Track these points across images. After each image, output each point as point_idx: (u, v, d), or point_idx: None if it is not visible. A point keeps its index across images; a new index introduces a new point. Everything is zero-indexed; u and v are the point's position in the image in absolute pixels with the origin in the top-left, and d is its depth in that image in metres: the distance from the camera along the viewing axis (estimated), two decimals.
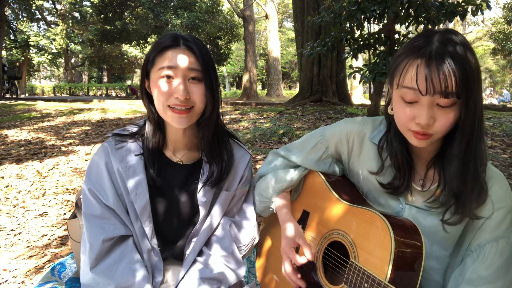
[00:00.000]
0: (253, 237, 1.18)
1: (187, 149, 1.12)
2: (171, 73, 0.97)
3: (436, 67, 0.77)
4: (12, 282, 1.86)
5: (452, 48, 0.78)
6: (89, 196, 1.01)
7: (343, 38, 4.13)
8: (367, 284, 0.84)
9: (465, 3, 3.54)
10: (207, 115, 1.04)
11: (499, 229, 0.85)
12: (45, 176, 3.66)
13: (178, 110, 0.98)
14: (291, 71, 34.13)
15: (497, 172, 0.89)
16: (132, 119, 7.09)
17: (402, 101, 0.84)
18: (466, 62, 0.77)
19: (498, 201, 0.86)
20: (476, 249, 0.86)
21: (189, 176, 1.11)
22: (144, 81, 1.06)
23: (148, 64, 1.02)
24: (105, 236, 0.97)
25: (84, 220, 1.01)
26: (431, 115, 0.80)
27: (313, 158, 1.14)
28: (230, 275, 1.07)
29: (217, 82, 1.05)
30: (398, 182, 0.95)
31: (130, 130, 1.09)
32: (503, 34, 19.20)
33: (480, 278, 0.83)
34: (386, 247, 0.84)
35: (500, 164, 3.23)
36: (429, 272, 0.93)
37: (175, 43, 0.99)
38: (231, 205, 1.16)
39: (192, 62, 0.99)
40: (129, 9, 19.18)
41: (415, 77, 0.80)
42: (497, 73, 30.91)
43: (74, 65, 30.27)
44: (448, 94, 0.77)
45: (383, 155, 0.98)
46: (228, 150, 1.14)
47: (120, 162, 1.02)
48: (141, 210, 1.02)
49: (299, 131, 4.61)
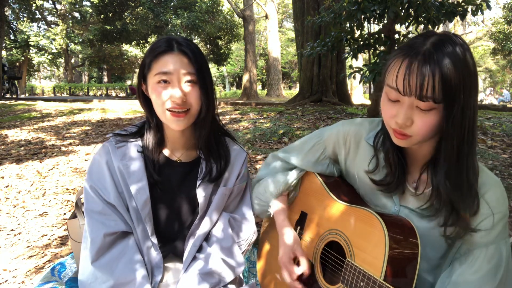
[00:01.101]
0: (252, 231, 1.20)
1: (185, 148, 1.15)
2: (167, 78, 1.01)
3: (417, 69, 0.76)
4: (12, 282, 1.86)
5: (442, 52, 0.76)
6: (91, 192, 1.04)
7: (343, 38, 4.13)
8: (363, 283, 0.85)
9: (465, 3, 3.53)
10: (203, 115, 1.07)
11: (489, 235, 0.85)
12: (45, 176, 3.66)
13: (176, 113, 1.02)
14: (291, 71, 34.12)
15: (493, 177, 0.89)
16: (132, 119, 7.09)
17: (387, 99, 0.85)
18: (453, 68, 0.75)
19: (492, 207, 0.85)
20: (466, 253, 0.86)
21: (187, 174, 1.13)
22: (141, 84, 1.09)
23: (145, 69, 1.06)
24: (106, 231, 1.00)
25: (86, 216, 1.04)
26: (408, 116, 0.80)
27: (311, 160, 1.15)
28: (229, 270, 1.09)
29: (211, 82, 1.08)
30: (389, 179, 0.95)
31: (130, 130, 1.13)
32: (503, 34, 19.17)
33: (466, 282, 0.83)
34: (380, 245, 0.84)
35: (500, 164, 3.23)
36: (420, 273, 0.93)
37: (169, 48, 1.02)
38: (229, 201, 1.17)
39: (186, 66, 1.02)
40: (129, 9, 19.16)
41: (395, 76, 0.80)
42: (497, 73, 30.91)
43: (74, 65, 30.26)
44: (423, 97, 0.76)
45: (379, 154, 0.99)
46: (225, 147, 1.18)
47: (121, 161, 1.05)
48: (141, 206, 1.04)
49: (299, 131, 4.61)
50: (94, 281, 0.97)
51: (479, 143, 3.90)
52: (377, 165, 0.99)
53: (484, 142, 3.95)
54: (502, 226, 0.86)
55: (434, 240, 0.92)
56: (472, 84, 0.78)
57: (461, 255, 0.87)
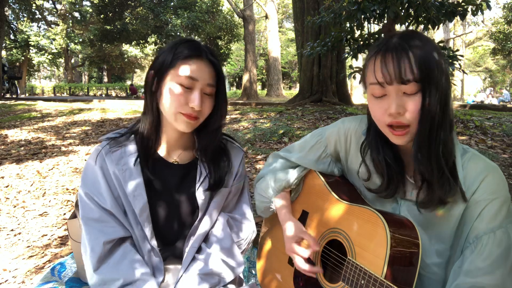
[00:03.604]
0: (251, 230, 1.19)
1: (182, 148, 1.14)
2: (191, 85, 0.99)
3: (391, 56, 0.82)
4: (12, 282, 1.86)
5: (410, 40, 0.83)
6: (86, 200, 1.02)
7: (343, 38, 4.13)
8: (364, 281, 0.85)
9: (465, 3, 3.53)
10: (212, 127, 1.08)
11: (495, 220, 0.85)
12: (45, 176, 3.66)
13: (188, 115, 1.01)
14: (291, 71, 34.12)
15: (491, 163, 0.90)
16: (132, 119, 7.09)
17: (373, 98, 0.88)
18: (423, 50, 0.81)
19: (493, 192, 0.86)
20: (474, 241, 0.86)
21: (185, 176, 1.12)
22: (152, 75, 1.04)
23: (164, 65, 1.01)
24: (105, 239, 0.98)
25: (83, 223, 1.02)
26: (399, 103, 0.83)
27: (312, 158, 1.15)
28: (229, 271, 1.09)
29: (226, 94, 1.09)
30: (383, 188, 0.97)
31: (122, 133, 1.09)
32: (503, 34, 19.16)
33: (478, 269, 0.83)
34: (382, 243, 0.85)
35: (500, 164, 3.24)
36: (432, 268, 0.93)
37: (199, 54, 1.00)
38: (227, 201, 1.17)
39: (211, 78, 1.02)
40: (129, 9, 19.16)
41: (374, 71, 0.85)
42: (497, 73, 30.93)
43: (74, 65, 30.26)
44: (404, 80, 0.81)
45: (368, 163, 1.00)
46: (224, 148, 1.17)
47: (116, 165, 1.02)
48: (139, 211, 1.02)
49: (299, 131, 4.61)
50: (104, 284, 0.97)
51: (479, 143, 3.91)
52: (369, 174, 1.00)
53: (484, 142, 3.95)
54: (507, 210, 0.86)
55: (438, 231, 0.92)
56: (442, 65, 0.83)
57: (470, 243, 0.87)
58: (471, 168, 0.89)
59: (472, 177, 0.88)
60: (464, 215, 0.89)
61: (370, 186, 1.01)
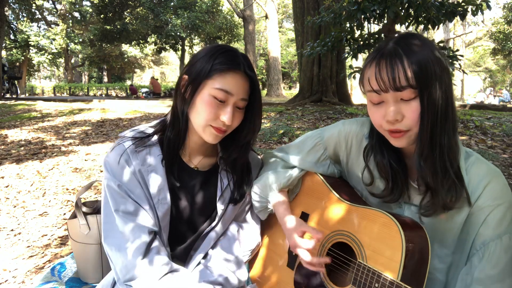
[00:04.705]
0: (258, 243, 1.19)
1: (204, 155, 1.13)
2: (224, 98, 0.97)
3: (385, 64, 0.81)
4: (12, 282, 1.86)
5: (405, 45, 0.82)
6: (120, 191, 0.97)
7: (343, 38, 4.13)
8: (378, 284, 0.83)
9: (465, 3, 3.53)
10: (247, 139, 1.08)
11: (501, 226, 0.85)
12: (45, 176, 3.66)
13: (218, 128, 1.00)
14: (291, 71, 34.10)
15: (493, 168, 0.90)
16: (132, 119, 7.09)
17: (372, 105, 0.88)
18: (419, 54, 0.80)
19: (497, 197, 0.86)
20: (481, 248, 0.86)
21: (205, 183, 1.11)
22: (187, 83, 1.00)
23: (202, 75, 0.98)
24: (146, 230, 0.97)
25: (118, 217, 0.97)
26: (397, 110, 0.83)
27: (312, 160, 1.13)
28: (233, 279, 1.07)
29: (261, 107, 1.07)
30: (388, 192, 0.96)
31: (147, 133, 1.06)
32: (503, 34, 19.16)
33: (488, 277, 0.83)
34: (396, 246, 0.83)
35: (500, 164, 3.24)
36: (432, 272, 0.93)
37: (237, 67, 0.98)
38: (240, 210, 1.17)
39: (245, 92, 1.01)
40: (129, 9, 19.17)
41: (369, 79, 0.85)
42: (497, 73, 30.92)
43: (74, 65, 30.24)
44: (399, 88, 0.80)
45: (371, 167, 0.99)
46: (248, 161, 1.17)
47: (142, 166, 1.00)
48: (162, 216, 1.01)
49: (299, 131, 4.61)
50: (149, 271, 0.94)
51: (479, 143, 3.91)
52: (372, 179, 0.99)
53: (484, 142, 3.95)
54: (511, 215, 0.86)
55: (441, 236, 0.92)
56: (440, 67, 0.81)
57: (477, 250, 0.87)
58: (474, 173, 0.88)
59: (475, 182, 0.87)
60: (468, 220, 0.88)
61: (373, 191, 1.00)
